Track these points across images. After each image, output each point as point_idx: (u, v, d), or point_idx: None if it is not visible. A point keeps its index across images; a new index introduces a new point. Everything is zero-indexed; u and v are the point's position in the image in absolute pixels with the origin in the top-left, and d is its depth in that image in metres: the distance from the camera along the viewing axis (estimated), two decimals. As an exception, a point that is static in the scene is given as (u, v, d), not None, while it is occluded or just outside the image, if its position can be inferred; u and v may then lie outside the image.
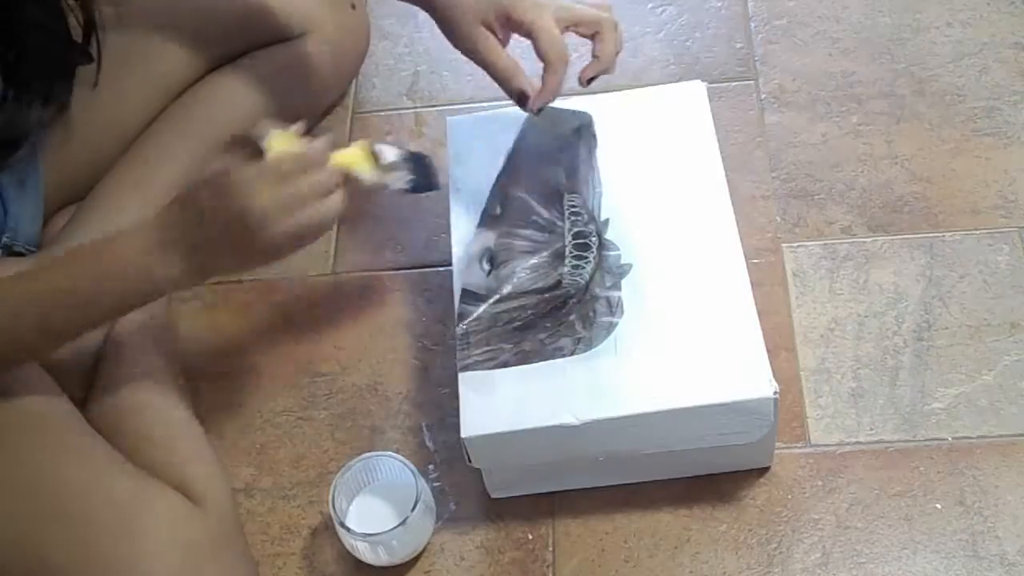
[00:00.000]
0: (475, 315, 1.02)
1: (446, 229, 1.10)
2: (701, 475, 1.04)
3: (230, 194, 0.89)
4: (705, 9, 1.41)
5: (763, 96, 1.32)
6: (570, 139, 1.13)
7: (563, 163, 1.11)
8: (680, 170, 1.10)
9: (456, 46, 1.06)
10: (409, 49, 1.43)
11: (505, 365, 0.99)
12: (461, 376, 0.99)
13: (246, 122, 1.20)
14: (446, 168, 1.14)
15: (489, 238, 1.07)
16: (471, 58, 1.06)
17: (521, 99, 1.05)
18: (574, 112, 1.14)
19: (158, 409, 1.05)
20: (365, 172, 1.00)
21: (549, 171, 1.11)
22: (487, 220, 1.08)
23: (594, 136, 1.13)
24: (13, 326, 0.91)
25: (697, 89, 1.16)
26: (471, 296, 1.04)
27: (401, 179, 1.03)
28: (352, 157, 1.00)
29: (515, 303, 1.03)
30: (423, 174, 1.06)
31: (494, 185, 1.11)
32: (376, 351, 1.17)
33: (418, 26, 1.45)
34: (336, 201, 0.94)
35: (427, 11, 1.07)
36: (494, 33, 1.03)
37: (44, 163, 1.15)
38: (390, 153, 1.02)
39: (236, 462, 1.10)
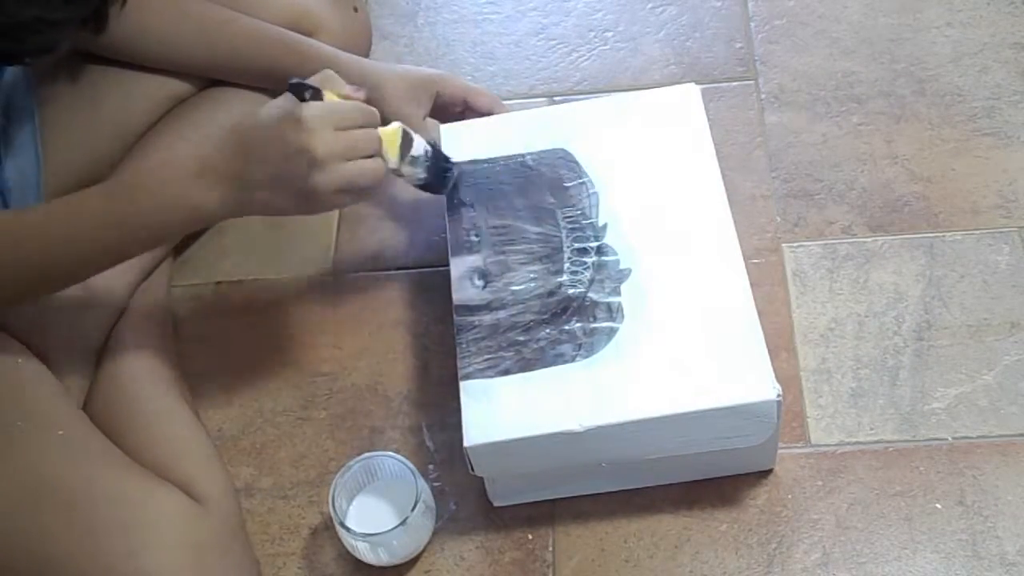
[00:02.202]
0: (475, 324, 1.02)
1: (445, 229, 1.10)
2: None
3: (293, 131, 0.91)
4: (705, 9, 1.41)
5: (763, 96, 1.32)
6: (540, 170, 1.13)
7: (546, 187, 1.11)
8: (677, 173, 1.10)
9: (385, 121, 1.16)
10: (409, 49, 1.43)
11: (506, 373, 0.99)
12: (463, 385, 0.99)
13: None
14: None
15: (475, 259, 1.07)
16: None
17: None
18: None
19: (160, 409, 1.06)
20: (392, 155, 1.01)
21: (532, 197, 1.10)
22: (465, 247, 1.08)
23: (575, 161, 1.12)
24: (45, 252, 0.93)
25: (691, 91, 1.16)
26: (467, 309, 1.04)
27: (415, 175, 1.05)
28: (386, 135, 1.01)
29: (515, 310, 1.03)
30: (437, 174, 1.07)
31: (457, 221, 1.10)
32: (376, 351, 1.17)
33: (418, 27, 1.45)
34: (380, 164, 0.97)
35: None
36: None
37: (46, 163, 1.15)
38: (419, 146, 1.04)
39: (236, 462, 1.10)
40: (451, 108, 1.22)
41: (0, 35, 0.88)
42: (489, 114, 1.21)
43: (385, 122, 1.01)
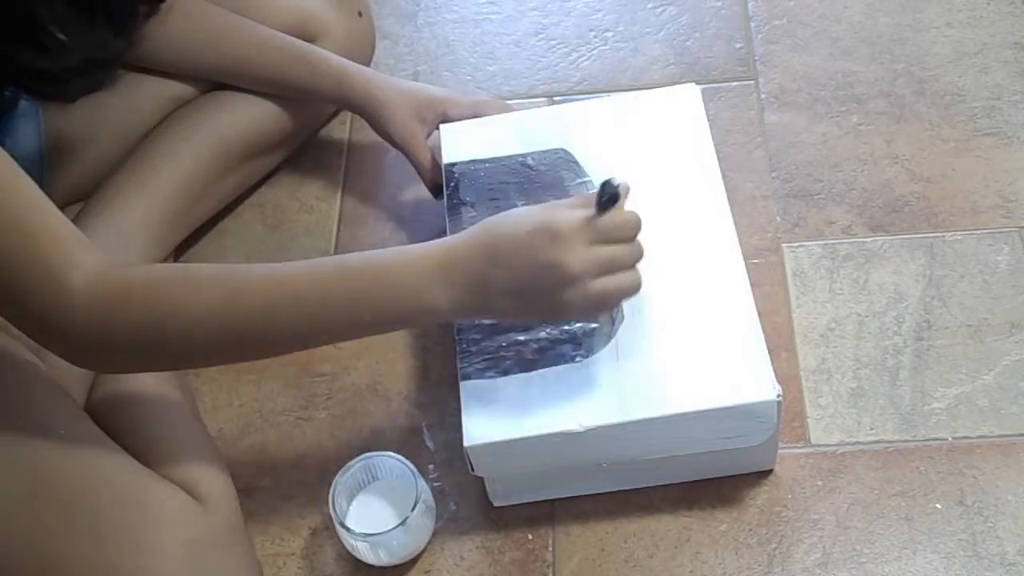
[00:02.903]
0: (475, 324, 1.02)
1: (445, 229, 1.10)
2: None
3: (548, 244, 0.87)
4: (705, 9, 1.41)
5: (763, 96, 1.32)
6: (544, 171, 1.13)
7: (546, 187, 1.11)
8: (677, 173, 1.10)
9: (390, 137, 1.20)
10: (409, 49, 1.43)
11: (506, 373, 0.99)
12: (463, 385, 0.99)
13: (252, 126, 1.22)
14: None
15: None
16: (400, 148, 1.21)
17: (437, 191, 1.20)
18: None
19: (161, 408, 1.05)
20: None
21: (532, 197, 1.10)
22: None
23: (575, 162, 1.12)
24: (269, 324, 0.88)
25: (691, 91, 1.16)
26: None
27: None
28: None
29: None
30: None
31: (457, 221, 1.10)
32: (376, 351, 1.17)
33: (418, 26, 1.45)
34: (638, 278, 0.92)
35: (359, 110, 1.21)
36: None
37: (49, 163, 1.15)
38: None
39: (236, 462, 1.10)
40: None
41: (49, 81, 0.88)
42: None
43: None
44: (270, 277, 0.89)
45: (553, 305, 0.90)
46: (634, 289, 0.92)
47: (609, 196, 0.89)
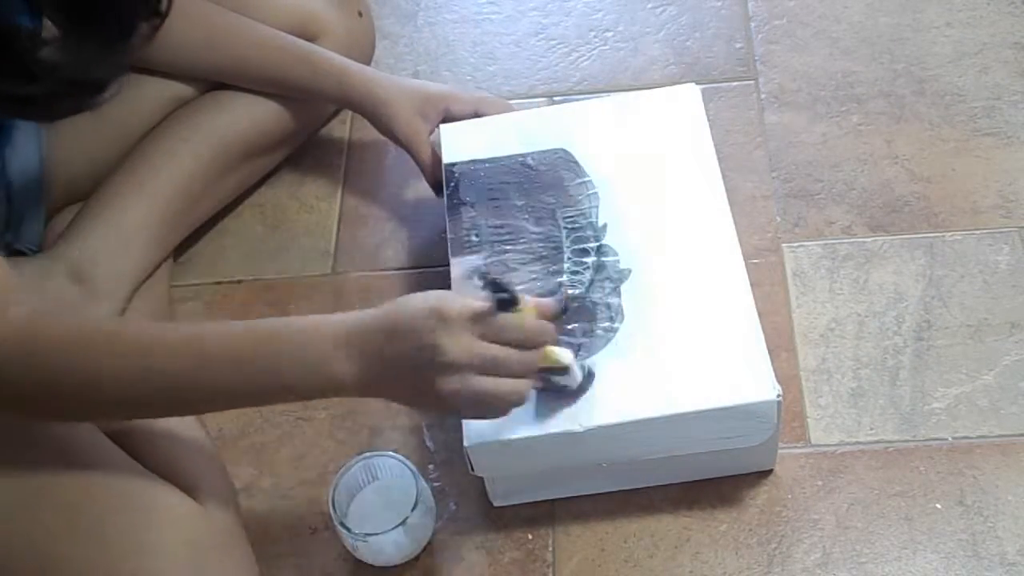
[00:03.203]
0: None
1: (445, 229, 1.10)
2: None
3: (433, 325, 0.85)
4: (705, 9, 1.41)
5: (763, 96, 1.32)
6: (542, 169, 1.13)
7: (546, 187, 1.11)
8: (677, 173, 1.10)
9: (394, 135, 1.20)
10: (409, 49, 1.43)
11: None
12: None
13: (252, 126, 1.22)
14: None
15: (475, 259, 1.06)
16: (404, 146, 1.20)
17: (439, 188, 1.18)
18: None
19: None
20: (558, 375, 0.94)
21: (532, 197, 1.10)
22: (465, 247, 1.08)
23: (575, 162, 1.12)
24: (181, 389, 0.87)
25: (691, 91, 1.16)
26: None
27: (568, 381, 0.96)
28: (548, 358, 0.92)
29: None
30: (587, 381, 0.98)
31: (457, 221, 1.10)
32: (376, 351, 1.17)
33: (418, 26, 1.45)
34: (522, 389, 0.88)
35: (361, 109, 1.21)
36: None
37: (48, 162, 1.14)
38: (565, 357, 0.93)
39: (236, 462, 1.10)
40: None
41: (34, 105, 0.87)
42: None
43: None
44: (184, 343, 0.87)
45: (435, 392, 0.86)
46: (513, 401, 0.88)
47: (499, 301, 0.86)
